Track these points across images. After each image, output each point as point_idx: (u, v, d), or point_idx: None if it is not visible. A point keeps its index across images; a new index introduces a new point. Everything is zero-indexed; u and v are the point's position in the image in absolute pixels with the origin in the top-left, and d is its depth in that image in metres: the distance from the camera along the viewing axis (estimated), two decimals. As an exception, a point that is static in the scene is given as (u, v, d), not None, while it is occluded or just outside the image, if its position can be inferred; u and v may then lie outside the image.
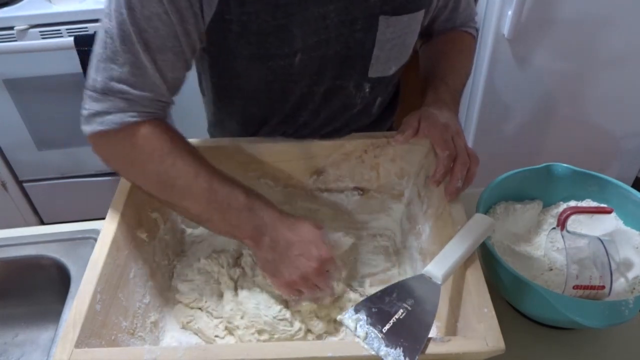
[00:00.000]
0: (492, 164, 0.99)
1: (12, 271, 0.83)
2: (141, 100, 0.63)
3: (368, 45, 0.72)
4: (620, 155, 1.81)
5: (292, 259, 0.63)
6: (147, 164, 0.64)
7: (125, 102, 0.62)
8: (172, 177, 0.64)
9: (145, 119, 0.64)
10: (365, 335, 0.52)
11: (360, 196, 0.86)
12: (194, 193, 0.64)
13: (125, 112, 0.63)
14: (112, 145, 0.65)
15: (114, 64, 0.61)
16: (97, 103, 0.63)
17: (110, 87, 0.62)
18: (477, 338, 0.52)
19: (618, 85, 1.61)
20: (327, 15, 0.67)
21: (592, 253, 0.67)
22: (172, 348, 0.61)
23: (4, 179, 1.82)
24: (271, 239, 0.64)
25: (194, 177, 0.63)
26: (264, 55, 0.69)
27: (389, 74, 0.79)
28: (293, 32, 0.67)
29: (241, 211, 0.63)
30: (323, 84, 0.76)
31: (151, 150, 0.64)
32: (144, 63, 0.61)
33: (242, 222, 0.64)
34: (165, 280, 0.76)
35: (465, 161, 0.69)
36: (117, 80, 0.61)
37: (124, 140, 0.64)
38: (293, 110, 0.80)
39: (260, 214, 0.64)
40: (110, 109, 0.62)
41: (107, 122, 0.62)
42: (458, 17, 0.87)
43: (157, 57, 0.62)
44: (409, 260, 0.79)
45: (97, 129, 0.63)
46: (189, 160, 0.64)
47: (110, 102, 0.62)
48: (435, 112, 0.75)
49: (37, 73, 1.57)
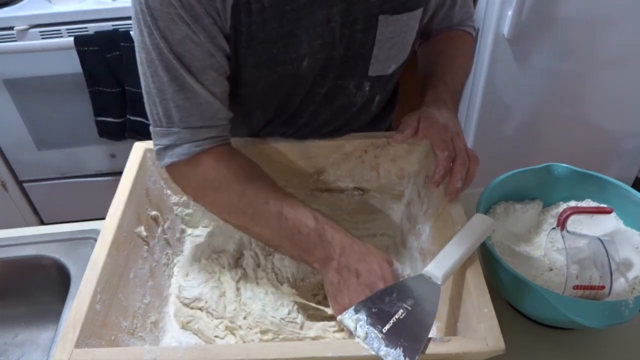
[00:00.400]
0: (492, 164, 0.99)
1: (12, 271, 0.83)
2: (201, 124, 0.66)
3: (368, 44, 0.72)
4: (620, 155, 1.81)
5: (356, 287, 0.62)
6: (217, 192, 0.67)
7: (188, 131, 0.65)
8: (243, 204, 0.66)
9: (210, 146, 0.66)
10: (365, 335, 0.52)
11: (360, 196, 0.86)
12: (264, 220, 0.66)
13: (191, 143, 0.66)
14: (184, 176, 0.69)
15: (167, 95, 0.64)
16: (163, 137, 0.67)
17: (171, 119, 0.65)
18: (477, 338, 0.52)
19: (618, 85, 1.61)
20: (332, 18, 0.67)
21: (592, 253, 0.67)
22: (172, 348, 0.61)
23: (4, 179, 1.82)
24: (339, 264, 0.64)
25: (264, 204, 0.65)
26: (271, 63, 0.69)
27: (389, 72, 0.79)
28: (300, 37, 0.67)
29: (311, 237, 0.64)
30: (325, 85, 0.76)
31: (220, 179, 0.66)
32: (191, 85, 0.64)
33: (312, 247, 0.65)
34: (165, 280, 0.76)
35: (464, 161, 0.69)
36: (175, 110, 0.64)
37: (194, 170, 0.67)
38: (295, 112, 0.80)
39: (330, 240, 0.65)
40: (177, 141, 0.66)
41: (177, 154, 0.66)
42: (455, 15, 0.87)
43: (202, 77, 0.64)
44: (409, 260, 0.79)
45: (169, 162, 0.67)
46: (258, 187, 0.66)
47: (175, 135, 0.66)
48: (435, 112, 0.75)
49: (37, 73, 1.57)
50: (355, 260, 0.63)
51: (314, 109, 0.79)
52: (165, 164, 0.68)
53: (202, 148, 0.66)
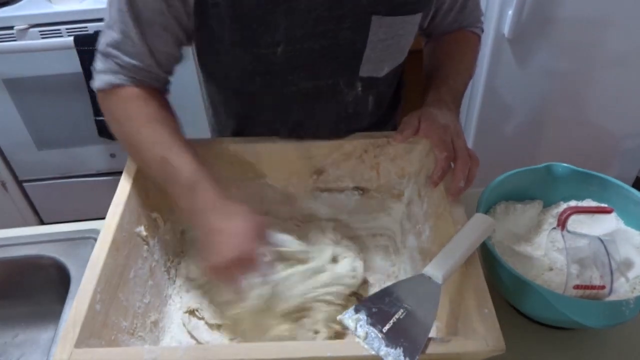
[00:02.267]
0: (492, 164, 0.99)
1: (12, 271, 0.83)
2: (129, 66, 0.68)
3: (358, 44, 0.72)
4: (620, 155, 1.81)
5: (214, 244, 0.63)
6: (122, 124, 0.70)
7: (116, 65, 0.68)
8: (137, 141, 0.69)
9: (133, 84, 0.69)
10: (365, 335, 0.52)
11: (360, 196, 0.86)
12: (150, 162, 0.68)
13: (116, 75, 0.69)
14: (104, 103, 0.71)
15: (112, 30, 0.67)
16: (99, 63, 0.70)
17: (108, 51, 0.68)
18: (477, 338, 0.52)
19: (618, 85, 1.61)
20: (315, 8, 0.67)
21: (593, 253, 0.67)
22: (172, 348, 0.61)
23: (4, 179, 1.82)
24: (204, 222, 0.64)
25: (152, 145, 0.68)
26: (246, 42, 0.70)
27: (381, 74, 0.78)
28: (277, 21, 0.67)
29: (183, 188, 0.65)
30: (310, 80, 0.75)
31: (124, 114, 0.69)
32: (133, 33, 0.66)
33: (182, 199, 0.66)
34: (165, 280, 0.76)
35: (466, 161, 0.69)
36: (112, 45, 0.68)
37: (110, 99, 0.70)
38: (280, 105, 0.79)
39: (199, 196, 0.65)
40: (106, 70, 0.69)
41: (102, 80, 0.69)
42: (465, 18, 0.86)
43: (146, 30, 0.67)
44: (409, 260, 0.79)
45: (95, 86, 0.70)
46: (154, 128, 0.68)
47: (106, 64, 0.69)
48: (436, 112, 0.75)
49: (37, 73, 1.57)
50: (214, 219, 0.63)
51: (303, 106, 0.79)
52: (94, 87, 0.71)
53: (122, 83, 0.68)
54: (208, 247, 0.63)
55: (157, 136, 0.67)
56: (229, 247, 0.61)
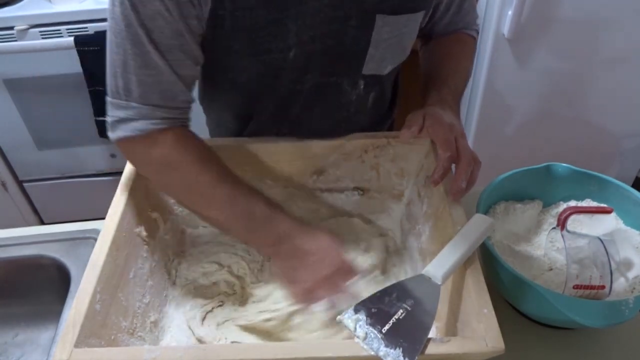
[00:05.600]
0: (492, 164, 0.99)
1: (12, 271, 0.83)
2: (161, 101, 0.64)
3: (362, 42, 0.72)
4: (620, 155, 1.81)
5: (309, 265, 0.63)
6: (173, 172, 0.66)
7: (147, 108, 0.63)
8: (197, 186, 0.66)
9: (169, 126, 0.65)
10: (364, 336, 0.52)
11: (360, 196, 0.86)
12: (217, 202, 0.66)
13: (149, 120, 0.64)
14: (139, 152, 0.67)
15: (130, 68, 0.62)
16: (120, 110, 0.64)
17: (130, 93, 0.63)
18: (476, 338, 0.52)
19: (618, 85, 1.61)
20: (322, 10, 0.67)
21: (592, 253, 0.67)
22: (172, 348, 0.61)
23: (4, 179, 1.82)
24: (289, 248, 0.64)
25: (217, 187, 0.65)
26: (257, 51, 0.69)
27: (384, 72, 0.78)
28: (288, 26, 0.67)
29: (262, 221, 0.65)
30: (312, 79, 0.75)
31: (177, 159, 0.65)
32: (157, 62, 0.62)
33: (263, 231, 0.65)
34: (165, 280, 0.76)
35: (469, 161, 0.68)
36: (136, 84, 0.62)
37: (150, 147, 0.65)
38: (282, 105, 0.79)
39: (280, 224, 0.65)
40: (135, 115, 0.63)
41: (132, 128, 0.64)
42: (461, 20, 0.86)
43: (168, 56, 0.62)
44: (409, 260, 0.79)
45: (123, 136, 0.64)
46: (213, 170, 0.66)
47: (133, 110, 0.63)
48: (440, 111, 0.75)
49: (37, 73, 1.57)
50: (304, 240, 0.64)
51: (304, 104, 0.79)
52: (117, 137, 0.65)
53: (159, 127, 0.64)
54: (299, 270, 0.64)
55: (218, 177, 0.66)
56: (324, 263, 0.62)
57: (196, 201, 0.68)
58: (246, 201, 0.65)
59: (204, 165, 0.66)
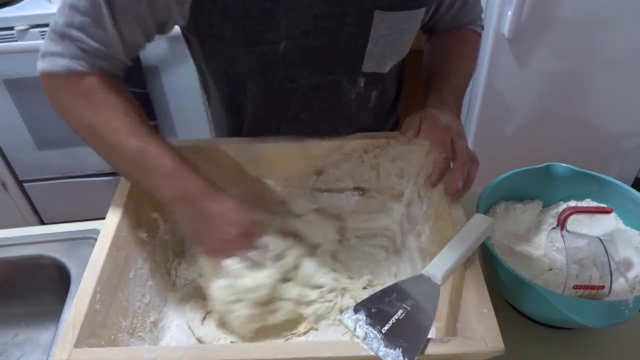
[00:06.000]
0: (492, 164, 0.99)
1: (12, 271, 0.83)
2: (95, 52, 0.63)
3: (360, 39, 0.72)
4: (620, 155, 1.81)
5: (214, 227, 0.63)
6: (84, 112, 0.65)
7: (79, 50, 0.63)
8: (105, 130, 0.64)
9: (95, 72, 0.64)
10: (364, 336, 0.52)
11: (360, 196, 0.86)
12: (123, 151, 0.64)
13: (76, 60, 0.63)
14: (57, 87, 0.66)
15: (77, 12, 0.61)
16: (53, 44, 0.63)
17: (68, 33, 0.62)
18: (476, 338, 0.52)
19: (618, 85, 1.61)
20: (315, 5, 0.66)
21: (592, 253, 0.67)
22: (172, 348, 0.61)
23: (4, 179, 1.82)
24: (194, 210, 0.64)
25: (125, 135, 0.64)
26: (248, 42, 0.69)
27: (385, 70, 0.78)
28: (278, 18, 0.66)
29: (167, 177, 0.63)
30: (309, 76, 0.75)
31: (92, 101, 0.64)
32: (105, 18, 0.62)
33: (166, 187, 0.64)
34: (165, 280, 0.76)
35: (465, 161, 0.69)
36: (76, 27, 0.62)
37: (68, 85, 0.65)
38: (279, 101, 0.79)
39: (187, 182, 0.64)
40: (64, 52, 0.63)
41: (57, 64, 0.63)
42: (465, 15, 0.86)
43: (119, 17, 0.62)
44: (409, 260, 0.79)
45: (46, 69, 0.64)
46: (126, 118, 0.64)
47: (65, 47, 0.63)
48: (437, 113, 0.75)
49: (37, 73, 1.56)
50: (208, 202, 0.63)
51: (303, 102, 0.79)
52: (41, 69, 0.65)
53: (84, 70, 0.64)
54: (205, 232, 0.64)
55: (131, 127, 0.64)
56: (231, 224, 0.62)
57: (102, 146, 0.66)
58: (153, 154, 0.63)
59: (117, 115, 0.64)
